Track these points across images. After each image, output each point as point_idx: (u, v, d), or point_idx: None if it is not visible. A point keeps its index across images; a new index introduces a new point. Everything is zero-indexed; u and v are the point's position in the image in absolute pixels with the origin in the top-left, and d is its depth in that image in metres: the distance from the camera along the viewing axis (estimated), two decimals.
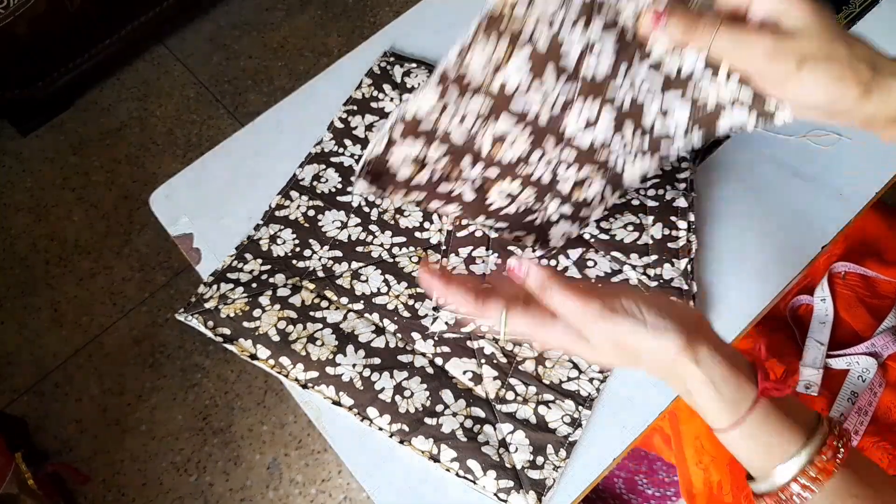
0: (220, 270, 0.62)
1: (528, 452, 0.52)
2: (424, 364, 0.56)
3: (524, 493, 0.51)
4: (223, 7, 1.75)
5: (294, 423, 1.26)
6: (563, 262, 0.59)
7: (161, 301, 1.39)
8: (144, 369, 1.33)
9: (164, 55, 1.70)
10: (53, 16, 1.41)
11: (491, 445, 0.52)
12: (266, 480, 1.23)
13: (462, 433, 0.53)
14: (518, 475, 0.51)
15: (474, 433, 0.53)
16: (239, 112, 1.61)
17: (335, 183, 0.66)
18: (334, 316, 0.59)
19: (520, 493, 0.50)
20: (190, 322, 0.59)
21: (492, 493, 0.51)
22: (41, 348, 1.36)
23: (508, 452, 0.52)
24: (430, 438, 0.53)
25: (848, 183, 0.63)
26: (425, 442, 0.53)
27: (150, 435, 1.27)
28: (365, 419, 0.55)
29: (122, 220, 1.49)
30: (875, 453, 0.63)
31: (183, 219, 0.67)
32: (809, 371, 0.66)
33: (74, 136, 1.60)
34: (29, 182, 1.55)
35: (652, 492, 0.76)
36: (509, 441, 0.53)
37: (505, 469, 0.51)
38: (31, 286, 1.42)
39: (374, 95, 0.71)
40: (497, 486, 0.51)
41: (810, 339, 0.68)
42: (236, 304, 0.59)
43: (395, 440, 0.54)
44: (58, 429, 1.29)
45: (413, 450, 0.53)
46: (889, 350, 0.66)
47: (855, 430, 0.62)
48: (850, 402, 0.65)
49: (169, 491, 1.22)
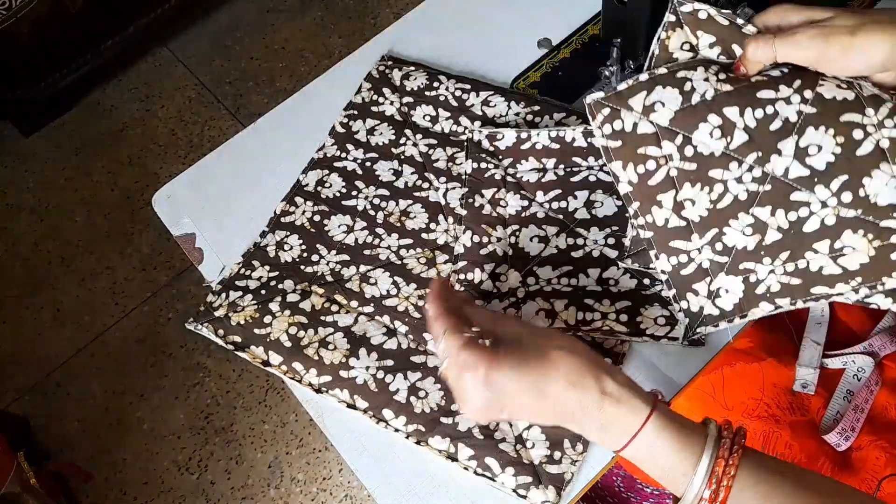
0: (229, 278, 0.62)
1: (545, 447, 0.52)
2: (438, 364, 0.57)
3: (543, 488, 0.51)
4: (225, 9, 1.76)
5: (295, 422, 1.27)
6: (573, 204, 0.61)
7: (163, 301, 1.40)
8: (146, 368, 1.34)
9: (165, 56, 1.71)
10: (55, 17, 1.42)
11: (508, 442, 0.53)
12: (267, 479, 1.23)
13: (478, 431, 0.53)
14: (536, 470, 0.52)
15: (490, 430, 0.53)
16: (240, 113, 1.61)
17: (339, 187, 0.66)
18: (345, 319, 0.59)
19: (539, 489, 0.51)
20: (200, 331, 0.59)
21: (511, 489, 0.51)
22: (43, 348, 1.36)
23: (525, 448, 0.53)
24: (447, 438, 0.53)
25: None
26: (442, 441, 0.53)
27: (152, 434, 1.28)
28: (381, 421, 0.55)
29: (124, 221, 1.49)
30: (872, 452, 0.63)
31: (185, 219, 0.68)
32: (806, 370, 0.67)
33: (76, 137, 1.60)
34: (31, 182, 1.55)
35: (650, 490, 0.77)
36: (526, 437, 0.53)
37: (523, 465, 0.52)
38: (33, 286, 1.43)
39: (374, 99, 0.71)
40: (516, 482, 0.51)
41: (806, 339, 0.69)
42: (246, 312, 0.59)
43: (412, 441, 0.54)
44: (60, 428, 1.29)
45: (430, 450, 0.53)
46: (886, 350, 0.66)
47: (852, 427, 0.63)
48: (846, 401, 0.65)
49: (171, 490, 1.23)
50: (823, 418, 0.65)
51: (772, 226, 0.47)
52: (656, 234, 0.51)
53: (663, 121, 0.49)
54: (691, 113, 0.48)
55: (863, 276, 0.45)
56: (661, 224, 0.50)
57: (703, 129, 0.47)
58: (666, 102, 0.48)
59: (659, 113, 0.48)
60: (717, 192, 0.48)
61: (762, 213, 0.47)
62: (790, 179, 0.46)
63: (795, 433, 0.65)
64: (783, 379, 0.68)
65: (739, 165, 0.47)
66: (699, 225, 0.49)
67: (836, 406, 0.65)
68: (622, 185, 0.51)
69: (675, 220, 0.50)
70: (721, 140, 0.47)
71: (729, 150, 0.47)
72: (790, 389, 0.67)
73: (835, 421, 0.64)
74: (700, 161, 0.48)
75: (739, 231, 0.48)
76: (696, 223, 0.49)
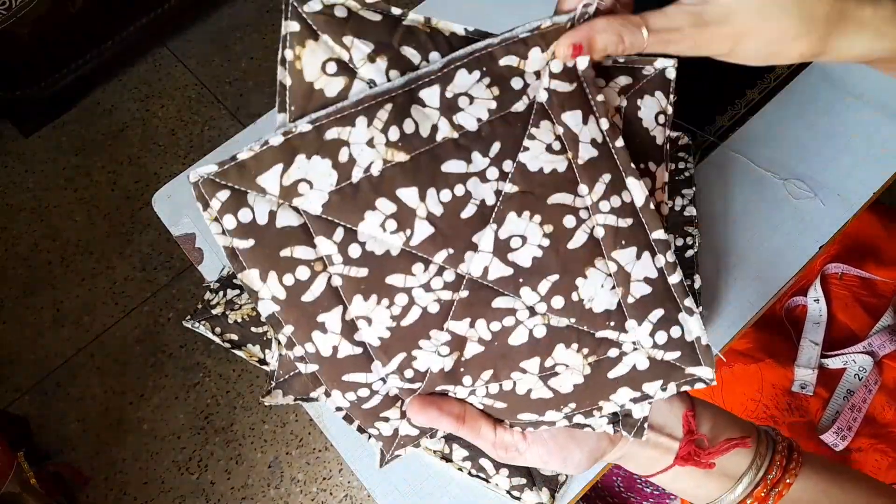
0: (226, 276, 0.62)
1: None
2: None
3: (537, 489, 0.51)
4: (224, 8, 1.76)
5: (295, 422, 1.27)
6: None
7: (163, 301, 1.40)
8: (146, 368, 1.34)
9: (165, 56, 1.71)
10: (55, 17, 1.42)
11: None
12: (267, 479, 1.23)
13: None
14: (531, 472, 0.52)
15: None
16: (240, 113, 1.61)
17: None
18: None
19: (533, 490, 0.51)
20: (197, 329, 0.59)
21: (505, 490, 0.51)
22: (43, 348, 1.37)
23: None
24: (442, 438, 0.53)
25: (845, 183, 0.64)
26: (437, 442, 0.53)
27: (152, 434, 1.28)
28: None
29: (124, 221, 1.49)
30: (872, 455, 0.63)
31: (185, 219, 0.68)
32: (804, 371, 0.67)
33: (76, 137, 1.60)
34: (31, 182, 1.55)
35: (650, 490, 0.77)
36: None
37: (517, 467, 0.52)
38: (33, 286, 1.43)
39: None
40: (510, 483, 0.51)
41: (805, 340, 0.69)
42: (244, 310, 0.60)
43: None
44: (60, 428, 1.29)
45: (425, 450, 0.53)
46: (886, 349, 0.66)
47: (848, 427, 0.63)
48: (846, 401, 0.65)
49: (171, 490, 1.23)
50: (822, 418, 0.65)
51: (472, 338, 0.36)
52: (323, 366, 0.36)
53: (314, 208, 0.33)
54: (353, 196, 0.33)
55: (577, 400, 0.38)
56: (327, 354, 0.36)
57: (372, 218, 0.34)
58: (314, 182, 0.33)
59: (306, 197, 0.33)
60: (399, 304, 0.35)
61: (459, 326, 0.36)
62: (490, 281, 0.35)
63: (794, 434, 0.65)
64: (782, 380, 0.68)
65: (426, 268, 0.35)
66: (380, 350, 0.36)
67: (835, 406, 0.65)
68: (264, 304, 0.35)
69: (347, 347, 0.36)
70: (398, 234, 0.34)
71: (410, 248, 0.34)
72: (789, 390, 0.67)
73: (833, 421, 0.64)
74: (372, 264, 0.34)
75: (433, 352, 0.36)
76: (377, 348, 0.36)
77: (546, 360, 0.37)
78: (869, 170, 0.64)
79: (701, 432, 0.40)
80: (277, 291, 0.34)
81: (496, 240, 0.35)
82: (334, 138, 0.33)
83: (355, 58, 0.33)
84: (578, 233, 0.36)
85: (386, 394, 0.38)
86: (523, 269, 0.35)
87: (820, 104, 0.67)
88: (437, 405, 0.38)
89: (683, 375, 0.37)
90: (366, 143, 0.33)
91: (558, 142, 0.35)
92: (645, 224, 0.36)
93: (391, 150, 0.34)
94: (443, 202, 0.34)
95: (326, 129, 0.33)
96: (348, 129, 0.33)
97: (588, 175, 0.35)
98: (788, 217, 0.62)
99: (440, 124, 0.34)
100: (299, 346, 0.36)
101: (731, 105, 0.68)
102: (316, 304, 0.35)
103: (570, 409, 0.38)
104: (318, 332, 0.35)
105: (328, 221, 0.34)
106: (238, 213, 0.33)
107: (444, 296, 0.35)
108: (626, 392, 0.37)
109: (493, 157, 0.35)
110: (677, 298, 0.37)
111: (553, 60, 0.34)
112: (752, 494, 0.38)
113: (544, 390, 0.37)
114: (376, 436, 0.39)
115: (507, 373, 0.37)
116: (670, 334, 0.36)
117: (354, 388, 0.37)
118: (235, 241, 0.34)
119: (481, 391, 0.38)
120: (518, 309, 0.36)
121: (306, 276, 0.34)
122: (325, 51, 0.33)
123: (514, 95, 0.35)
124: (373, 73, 0.33)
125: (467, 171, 0.34)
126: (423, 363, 0.37)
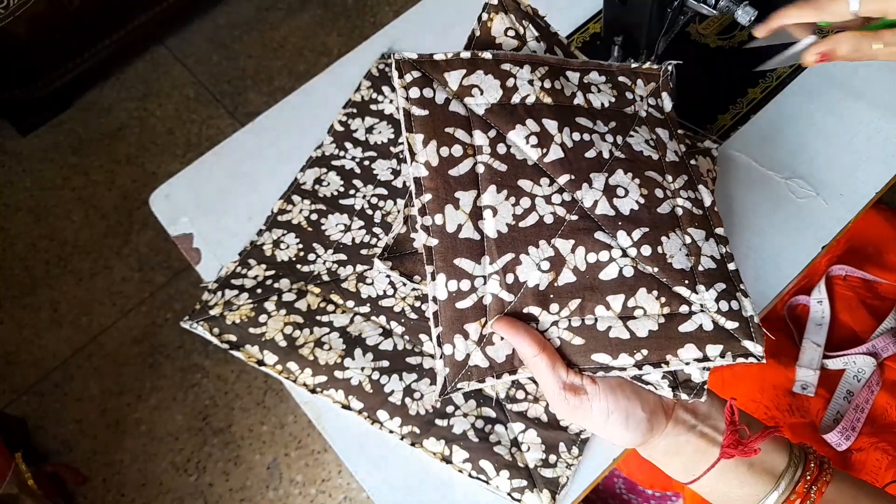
0: (225, 277, 0.62)
1: (541, 451, 0.52)
2: (433, 365, 0.56)
3: (538, 491, 0.51)
4: (223, 7, 1.75)
5: (294, 424, 1.26)
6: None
7: (161, 301, 1.39)
8: (144, 369, 1.33)
9: (163, 55, 1.70)
10: (53, 15, 1.41)
11: (503, 445, 0.52)
12: (266, 480, 1.23)
13: (473, 433, 0.53)
14: (531, 474, 0.51)
15: (486, 433, 0.53)
16: (239, 112, 1.61)
17: (337, 186, 0.66)
18: (341, 320, 0.59)
19: (534, 492, 0.51)
20: (195, 329, 0.59)
21: (505, 492, 0.51)
22: (41, 348, 1.36)
23: (521, 451, 0.52)
24: (442, 440, 0.53)
25: (848, 183, 0.63)
26: (437, 444, 0.53)
27: (150, 435, 1.27)
28: (375, 422, 0.54)
29: (122, 220, 1.49)
30: (874, 454, 0.63)
31: (183, 219, 0.67)
32: (805, 372, 0.67)
33: (74, 136, 1.60)
34: (28, 182, 1.55)
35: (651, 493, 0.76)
36: (521, 440, 0.53)
37: (518, 468, 0.51)
38: (30, 286, 1.42)
39: (373, 98, 0.71)
40: (511, 485, 0.51)
41: (807, 341, 0.69)
42: (242, 311, 0.59)
43: (407, 442, 0.54)
44: (57, 429, 1.29)
45: (425, 452, 0.53)
46: (889, 351, 0.66)
47: (852, 427, 0.63)
48: (847, 401, 0.65)
49: (169, 491, 1.22)
50: (823, 419, 0.65)
51: (569, 264, 0.41)
52: (442, 243, 0.41)
53: (478, 109, 0.43)
54: (510, 111, 0.43)
55: (649, 347, 0.40)
56: (451, 230, 0.41)
57: (520, 131, 0.42)
58: (485, 90, 0.43)
59: (475, 99, 0.43)
60: (523, 206, 0.41)
61: (564, 246, 0.41)
62: (596, 215, 0.42)
63: (795, 435, 0.65)
64: (783, 380, 0.67)
65: (551, 184, 0.42)
66: (494, 244, 0.41)
67: (836, 406, 0.65)
68: (415, 167, 0.41)
69: (469, 229, 0.41)
70: (536, 149, 0.42)
71: (543, 164, 0.42)
72: (790, 391, 0.67)
73: (834, 421, 0.64)
74: (511, 164, 0.42)
75: (535, 264, 0.41)
76: (492, 241, 0.41)
77: (629, 299, 0.41)
78: (871, 169, 0.64)
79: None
80: (433, 158, 0.41)
81: (606, 184, 0.43)
82: (506, 69, 0.44)
83: (527, 35, 0.47)
84: (664, 204, 0.44)
85: (480, 299, 0.41)
86: (623, 215, 0.42)
87: (822, 103, 0.67)
88: (523, 324, 0.40)
89: (739, 347, 0.41)
90: (527, 81, 0.44)
91: (652, 142, 0.46)
92: (710, 219, 0.46)
93: (543, 93, 0.44)
94: (574, 140, 0.43)
95: (503, 61, 0.44)
96: (517, 67, 0.44)
97: (672, 170, 0.46)
98: (790, 216, 0.62)
99: (577, 93, 0.46)
100: (429, 216, 0.41)
101: (732, 104, 0.67)
102: (458, 180, 0.41)
103: (641, 355, 0.40)
104: (451, 207, 0.41)
105: (486, 122, 0.43)
106: (423, 90, 0.42)
107: (559, 211, 0.42)
108: (691, 349, 0.41)
109: (610, 129, 0.45)
110: (734, 281, 0.43)
111: (651, 96, 0.49)
112: (795, 491, 0.39)
113: (622, 330, 0.41)
114: (449, 356, 0.41)
115: (592, 306, 0.41)
116: (731, 306, 0.42)
117: (458, 277, 0.41)
118: (414, 108, 0.42)
119: (563, 323, 0.41)
120: (613, 247, 0.42)
121: (459, 154, 0.42)
122: (509, 22, 0.47)
123: (625, 102, 0.48)
124: (535, 48, 0.47)
125: (592, 128, 0.44)
126: (523, 273, 0.41)
